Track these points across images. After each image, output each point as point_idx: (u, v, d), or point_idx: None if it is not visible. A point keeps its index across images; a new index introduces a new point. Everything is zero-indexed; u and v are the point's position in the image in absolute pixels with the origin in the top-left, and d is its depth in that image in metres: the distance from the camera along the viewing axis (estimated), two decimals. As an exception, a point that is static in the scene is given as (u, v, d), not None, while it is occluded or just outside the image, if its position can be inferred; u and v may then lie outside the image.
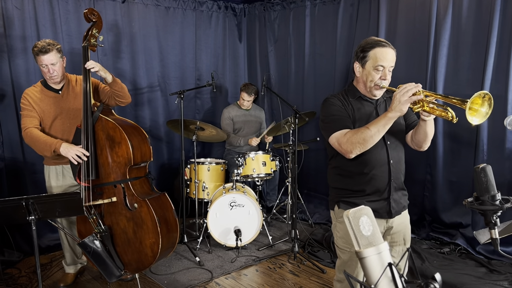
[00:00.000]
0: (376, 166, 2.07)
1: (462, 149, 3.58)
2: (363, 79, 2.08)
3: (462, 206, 3.66)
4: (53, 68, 2.97)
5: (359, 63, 2.08)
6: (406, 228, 2.21)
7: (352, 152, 1.97)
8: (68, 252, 3.34)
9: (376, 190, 2.09)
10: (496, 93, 3.29)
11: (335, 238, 2.23)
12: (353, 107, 2.10)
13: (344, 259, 2.17)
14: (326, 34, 4.57)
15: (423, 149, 2.18)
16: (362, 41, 2.10)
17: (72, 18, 4.04)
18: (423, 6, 3.67)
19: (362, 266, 1.01)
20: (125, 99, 3.21)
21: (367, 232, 1.01)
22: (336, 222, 2.21)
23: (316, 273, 3.51)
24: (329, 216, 4.70)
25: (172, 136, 4.94)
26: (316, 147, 4.78)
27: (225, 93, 5.32)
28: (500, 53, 3.27)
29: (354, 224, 1.02)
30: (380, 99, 2.15)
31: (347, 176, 2.13)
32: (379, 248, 1.00)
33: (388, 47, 2.01)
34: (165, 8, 4.69)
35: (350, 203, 2.12)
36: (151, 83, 4.69)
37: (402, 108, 1.83)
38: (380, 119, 1.91)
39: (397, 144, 2.14)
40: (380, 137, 1.94)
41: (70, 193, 2.36)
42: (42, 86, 3.10)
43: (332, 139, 2.05)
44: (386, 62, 2.00)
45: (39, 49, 2.91)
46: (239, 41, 5.40)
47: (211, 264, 3.67)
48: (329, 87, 4.60)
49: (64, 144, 2.94)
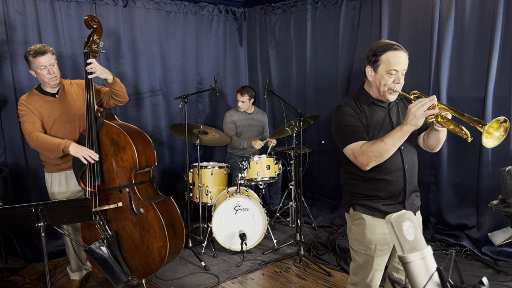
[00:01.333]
0: (391, 172, 2.07)
1: (466, 151, 3.59)
2: (376, 84, 2.06)
3: (467, 207, 3.67)
4: (52, 69, 2.96)
5: (371, 67, 2.05)
6: (419, 227, 2.21)
7: (368, 165, 1.97)
8: (73, 259, 3.31)
9: (391, 195, 2.09)
10: (500, 95, 3.32)
11: (350, 241, 2.22)
12: (366, 114, 2.08)
13: (360, 261, 2.16)
14: (328, 37, 4.58)
15: (434, 151, 2.19)
16: (373, 45, 2.08)
17: (74, 23, 4.03)
18: (426, 8, 3.68)
19: (406, 271, 1.01)
20: (124, 98, 3.21)
21: (410, 237, 1.00)
22: (352, 224, 2.20)
23: (323, 277, 3.50)
24: (332, 219, 4.71)
25: (174, 140, 4.92)
26: (319, 150, 4.78)
27: (226, 96, 5.32)
28: (503, 55, 3.28)
29: (398, 229, 1.01)
30: (392, 103, 2.14)
31: (362, 181, 2.12)
32: (424, 253, 0.99)
33: (400, 50, 1.99)
34: (166, 12, 4.69)
35: (366, 206, 2.12)
36: (153, 87, 4.68)
37: (417, 122, 1.83)
38: (396, 132, 1.90)
39: (410, 148, 2.13)
40: (395, 149, 1.94)
41: (79, 199, 2.34)
42: (38, 92, 3.07)
43: (348, 150, 2.04)
44: (399, 66, 1.98)
45: (36, 51, 2.89)
46: (239, 45, 5.40)
47: (216, 269, 3.65)
48: (332, 91, 4.60)
49: (74, 144, 2.93)
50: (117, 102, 3.20)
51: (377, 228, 2.11)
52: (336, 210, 4.77)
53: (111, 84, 3.08)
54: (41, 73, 2.95)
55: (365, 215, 2.12)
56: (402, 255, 1.00)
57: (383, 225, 2.10)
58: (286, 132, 4.44)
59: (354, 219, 2.18)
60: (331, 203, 4.84)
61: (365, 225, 2.12)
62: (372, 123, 2.08)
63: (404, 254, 1.00)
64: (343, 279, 3.46)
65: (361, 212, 2.13)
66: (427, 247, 1.01)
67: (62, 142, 2.91)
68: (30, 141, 2.97)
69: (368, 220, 2.11)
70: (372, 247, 2.12)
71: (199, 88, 5.02)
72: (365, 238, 2.13)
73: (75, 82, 3.23)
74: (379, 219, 2.10)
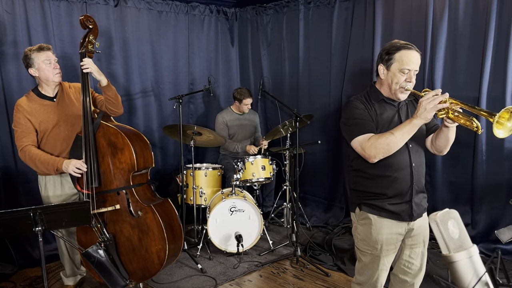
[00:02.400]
0: (398, 169, 2.07)
1: (461, 150, 3.63)
2: (388, 82, 2.08)
3: (461, 205, 3.71)
4: (57, 64, 2.93)
5: (383, 65, 2.08)
6: (426, 230, 2.21)
7: (376, 157, 1.97)
8: (67, 263, 3.22)
9: (398, 193, 2.09)
10: (494, 94, 3.37)
11: (356, 241, 2.22)
12: (376, 110, 2.10)
13: (365, 261, 2.16)
14: (321, 37, 4.58)
15: (442, 154, 2.20)
16: (386, 44, 2.12)
17: (64, 23, 3.94)
18: (419, 9, 3.72)
19: (452, 270, 1.00)
20: (118, 108, 3.10)
21: (455, 235, 0.99)
22: (357, 224, 2.20)
23: (320, 277, 3.50)
24: (326, 219, 4.71)
25: (166, 141, 4.86)
26: (312, 150, 4.78)
27: (218, 97, 5.28)
28: (497, 55, 3.34)
29: (443, 228, 1.00)
30: (402, 102, 2.15)
31: (369, 178, 2.12)
32: (470, 251, 0.98)
33: (413, 50, 2.02)
34: (157, 12, 4.63)
35: (372, 206, 2.11)
36: (144, 88, 4.61)
37: (427, 116, 1.85)
38: (405, 125, 1.92)
39: (418, 148, 2.14)
40: (404, 142, 1.95)
41: (79, 202, 2.29)
42: (35, 95, 2.98)
43: (355, 143, 2.04)
44: (412, 65, 2.01)
45: (40, 47, 2.85)
46: (231, 45, 5.37)
47: (213, 271, 3.61)
48: (325, 91, 4.61)
49: (65, 161, 2.87)
50: (110, 111, 3.09)
51: (384, 228, 2.11)
52: (330, 210, 4.78)
53: (105, 89, 2.99)
54: (46, 68, 2.88)
55: (371, 215, 2.12)
56: (448, 254, 0.99)
57: (389, 225, 2.11)
58: (280, 133, 4.43)
59: (360, 218, 2.18)
60: (325, 203, 4.85)
61: (372, 225, 2.12)
62: (381, 120, 2.09)
63: (450, 253, 0.99)
64: (341, 279, 3.46)
65: (367, 212, 2.13)
66: (473, 246, 1.00)
67: (56, 162, 2.86)
68: (22, 156, 2.90)
69: (375, 220, 2.12)
70: (378, 247, 2.12)
71: (191, 89, 4.98)
72: (371, 238, 2.13)
73: (73, 85, 3.15)
74: (386, 219, 2.10)
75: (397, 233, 2.13)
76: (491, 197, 3.51)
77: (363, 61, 4.21)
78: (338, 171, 4.68)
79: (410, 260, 2.22)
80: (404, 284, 2.27)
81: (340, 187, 4.69)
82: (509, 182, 3.41)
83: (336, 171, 4.71)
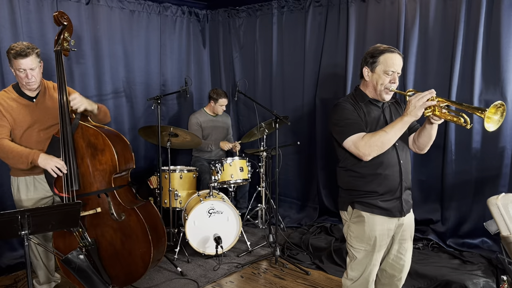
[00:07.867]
0: (388, 167, 2.16)
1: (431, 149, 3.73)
2: (373, 83, 2.18)
3: (431, 203, 3.89)
4: (31, 73, 2.73)
5: (368, 68, 2.18)
6: (412, 225, 2.35)
7: (370, 154, 2.06)
8: (41, 270, 3.08)
9: (389, 190, 2.18)
10: (462, 98, 3.56)
11: (349, 239, 2.28)
12: (364, 111, 2.19)
13: (359, 258, 2.23)
14: (295, 42, 4.66)
15: (423, 152, 2.32)
16: (369, 48, 2.22)
17: (34, 19, 3.77)
18: (392, 15, 3.87)
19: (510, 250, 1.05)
20: (106, 122, 3.06)
21: None
22: (350, 222, 2.26)
23: (301, 276, 3.55)
24: (300, 219, 4.78)
25: (137, 143, 4.75)
26: (285, 152, 4.83)
27: (190, 99, 5.23)
28: (465, 61, 3.53)
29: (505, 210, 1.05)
30: (386, 104, 2.27)
31: (360, 177, 2.19)
32: None
33: (396, 53, 2.14)
34: (130, 11, 4.53)
35: (365, 203, 2.19)
36: (116, 89, 4.49)
37: (417, 113, 1.96)
38: (397, 123, 2.02)
39: (403, 146, 2.25)
40: (395, 140, 2.06)
41: (70, 204, 2.20)
42: (15, 91, 2.84)
43: (348, 142, 2.11)
44: (396, 67, 2.13)
45: (17, 52, 2.65)
46: (203, 47, 5.35)
47: (194, 274, 3.57)
48: (298, 94, 4.69)
49: (43, 155, 2.73)
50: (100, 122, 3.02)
51: (376, 225, 2.19)
52: (303, 211, 4.85)
53: (97, 115, 2.92)
54: (19, 75, 2.74)
55: (364, 212, 2.20)
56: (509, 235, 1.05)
57: (381, 221, 2.19)
58: (256, 135, 4.45)
59: (353, 217, 2.25)
60: (298, 203, 4.92)
61: (365, 222, 2.19)
62: (369, 119, 2.19)
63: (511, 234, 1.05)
64: (321, 277, 3.53)
65: (360, 210, 2.20)
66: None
67: (31, 153, 2.72)
68: None
69: (368, 217, 2.19)
70: (371, 243, 2.20)
71: (163, 90, 4.90)
72: (365, 235, 2.20)
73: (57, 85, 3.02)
74: (378, 216, 2.19)
75: (389, 229, 2.22)
76: (459, 195, 3.70)
77: (337, 65, 4.33)
78: (311, 172, 4.77)
79: (399, 255, 2.31)
80: (392, 279, 2.37)
81: (314, 188, 4.78)
82: (477, 180, 3.61)
83: (308, 172, 4.79)
